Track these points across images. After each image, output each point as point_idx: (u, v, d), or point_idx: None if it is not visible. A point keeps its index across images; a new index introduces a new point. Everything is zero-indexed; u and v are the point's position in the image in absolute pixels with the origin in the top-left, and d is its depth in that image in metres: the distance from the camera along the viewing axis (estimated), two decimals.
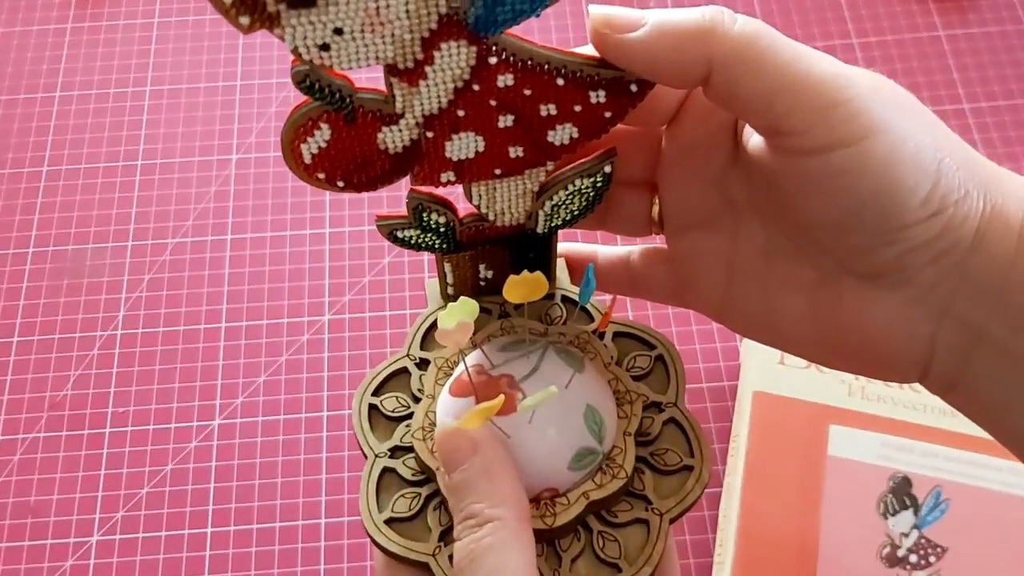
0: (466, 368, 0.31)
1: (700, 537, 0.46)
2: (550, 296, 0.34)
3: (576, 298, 0.34)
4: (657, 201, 0.32)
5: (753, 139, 0.28)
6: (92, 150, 0.59)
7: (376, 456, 0.32)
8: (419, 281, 0.54)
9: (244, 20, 0.23)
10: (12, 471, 0.49)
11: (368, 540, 0.39)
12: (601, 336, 0.33)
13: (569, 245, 0.35)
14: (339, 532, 0.47)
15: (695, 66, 0.25)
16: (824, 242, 0.27)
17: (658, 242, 0.34)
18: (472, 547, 0.26)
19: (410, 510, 0.31)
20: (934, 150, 0.25)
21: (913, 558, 0.43)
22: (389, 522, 0.30)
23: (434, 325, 0.33)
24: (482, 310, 0.34)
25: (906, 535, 0.44)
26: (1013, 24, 0.62)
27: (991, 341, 0.25)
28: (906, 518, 0.44)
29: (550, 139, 0.28)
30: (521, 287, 0.31)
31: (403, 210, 0.31)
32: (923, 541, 0.44)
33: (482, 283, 0.34)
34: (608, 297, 0.34)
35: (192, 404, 0.51)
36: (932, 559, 0.43)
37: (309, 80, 0.25)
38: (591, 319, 0.34)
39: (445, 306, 0.31)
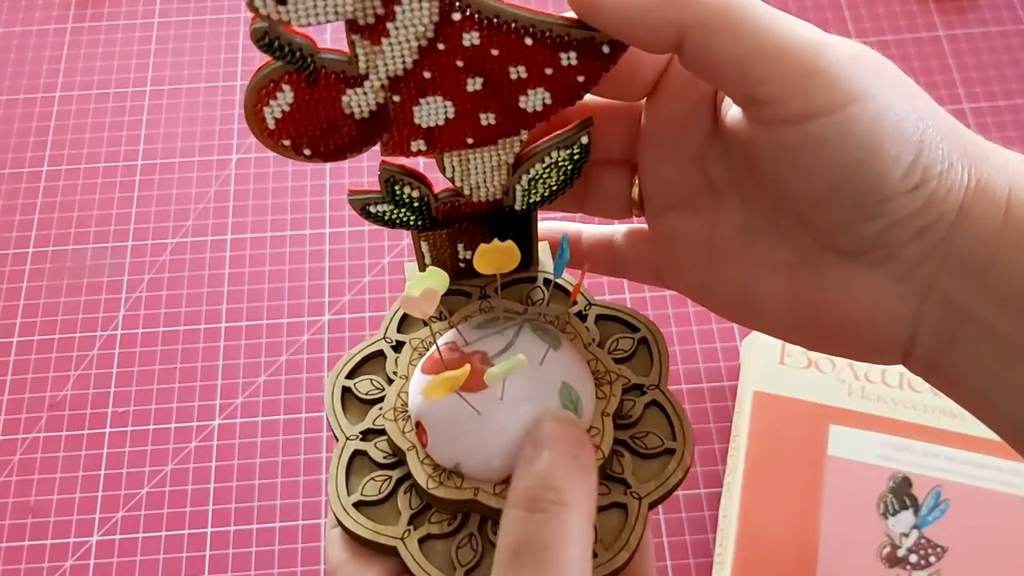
0: (437, 346, 0.30)
1: (700, 537, 0.46)
2: (532, 279, 0.33)
3: (563, 284, 0.33)
4: (637, 181, 0.31)
5: (731, 112, 0.27)
6: (92, 150, 0.59)
7: (347, 439, 0.31)
8: None
9: None
10: (12, 471, 0.49)
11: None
12: (584, 318, 0.32)
13: (553, 223, 0.34)
14: None
15: (668, 28, 0.24)
16: (804, 218, 0.26)
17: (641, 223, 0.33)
18: (547, 532, 0.25)
19: (380, 493, 0.29)
20: (916, 119, 0.24)
21: (913, 558, 0.43)
22: (358, 505, 0.29)
23: None
24: (462, 293, 0.33)
25: (906, 535, 0.44)
26: (1013, 24, 0.62)
27: (976, 321, 0.25)
28: (906, 518, 0.44)
29: (522, 105, 0.27)
30: (492, 256, 0.30)
31: (376, 185, 0.30)
32: (923, 541, 0.43)
33: (462, 264, 0.32)
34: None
35: (192, 404, 0.51)
36: (932, 559, 0.43)
37: (268, 37, 0.24)
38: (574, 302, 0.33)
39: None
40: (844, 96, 0.23)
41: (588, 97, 0.28)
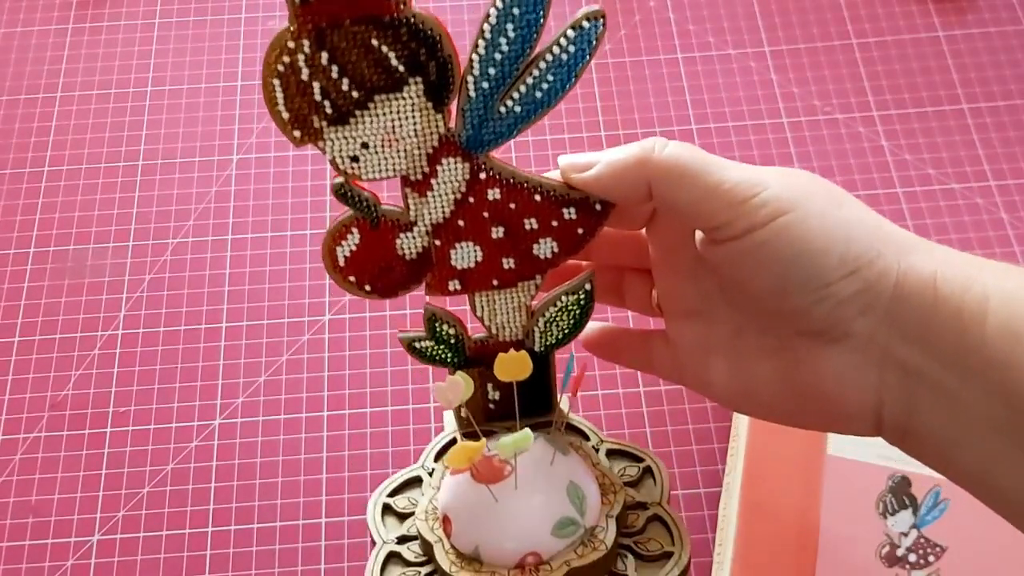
0: (459, 436, 0.36)
1: (700, 537, 0.46)
2: (551, 422, 0.38)
3: (579, 426, 0.38)
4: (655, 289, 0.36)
5: (699, 235, 0.32)
6: (93, 150, 0.59)
7: (384, 542, 0.36)
8: None
9: (297, 133, 0.30)
10: (13, 471, 0.49)
11: (368, 540, 0.40)
12: (597, 451, 0.38)
13: (595, 324, 0.39)
14: (339, 531, 0.47)
15: (637, 186, 0.31)
16: (772, 309, 0.31)
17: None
18: None
19: None
20: (842, 220, 0.29)
21: (912, 557, 0.43)
22: None
23: (448, 444, 0.37)
24: (492, 433, 0.37)
25: (905, 534, 0.44)
26: (1012, 24, 0.62)
27: (929, 381, 0.29)
28: (905, 517, 0.44)
29: (535, 252, 0.33)
30: (508, 364, 0.34)
31: (421, 327, 0.35)
32: (922, 540, 0.44)
33: (491, 406, 0.37)
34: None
35: (193, 404, 0.51)
36: (931, 558, 0.43)
37: (344, 190, 0.31)
38: (587, 439, 0.38)
39: (459, 429, 0.36)
40: (775, 210, 0.29)
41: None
